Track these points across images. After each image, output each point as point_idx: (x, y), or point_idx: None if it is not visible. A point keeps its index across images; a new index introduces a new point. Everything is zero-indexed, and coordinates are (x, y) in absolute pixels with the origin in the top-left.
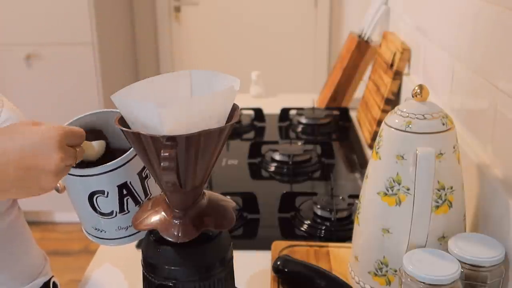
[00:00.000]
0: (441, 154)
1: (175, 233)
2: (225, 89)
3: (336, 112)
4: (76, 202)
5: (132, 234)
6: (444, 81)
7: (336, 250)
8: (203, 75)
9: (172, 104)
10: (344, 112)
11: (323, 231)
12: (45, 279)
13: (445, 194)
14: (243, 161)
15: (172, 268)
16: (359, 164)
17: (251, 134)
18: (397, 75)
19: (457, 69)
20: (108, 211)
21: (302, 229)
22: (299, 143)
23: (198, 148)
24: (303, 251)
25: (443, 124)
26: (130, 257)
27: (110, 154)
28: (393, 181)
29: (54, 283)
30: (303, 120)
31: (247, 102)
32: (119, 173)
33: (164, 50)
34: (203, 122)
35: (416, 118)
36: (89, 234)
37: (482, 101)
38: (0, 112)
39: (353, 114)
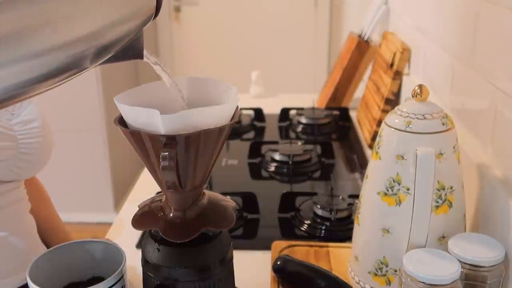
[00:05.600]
0: (441, 154)
1: (175, 233)
2: (230, 103)
3: (336, 112)
4: None
5: None
6: (444, 81)
7: (336, 250)
8: (198, 81)
9: (174, 113)
10: (344, 112)
11: (323, 231)
12: None
13: (445, 194)
14: (243, 161)
15: (172, 268)
16: (359, 164)
17: (251, 134)
18: (397, 75)
19: (457, 69)
20: None
21: (302, 229)
22: (299, 143)
23: (198, 148)
24: (303, 251)
25: (443, 124)
26: (130, 257)
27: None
28: (393, 181)
29: None
30: (303, 120)
31: (247, 102)
32: None
33: (164, 50)
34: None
35: (416, 118)
36: None
37: (482, 101)
38: (26, 107)
39: (353, 114)
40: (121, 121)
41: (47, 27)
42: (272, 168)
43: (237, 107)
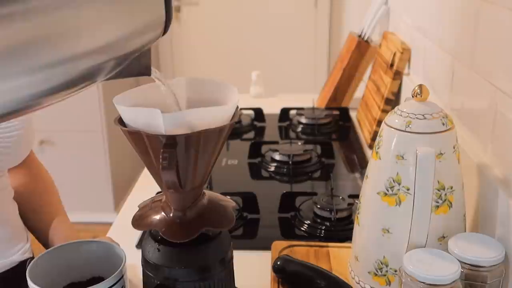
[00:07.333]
0: (441, 154)
1: (175, 233)
2: (230, 104)
3: (336, 112)
4: None
5: None
6: (444, 81)
7: (336, 250)
8: (198, 82)
9: (175, 112)
10: (344, 112)
11: (323, 231)
12: (21, 257)
13: (445, 194)
14: (243, 161)
15: (172, 268)
16: (359, 164)
17: (251, 134)
18: (397, 75)
19: (457, 69)
20: None
21: (302, 229)
22: (299, 143)
23: (198, 148)
24: (303, 251)
25: (443, 124)
26: (130, 257)
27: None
28: (393, 181)
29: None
30: (303, 120)
31: (247, 102)
32: None
33: (164, 50)
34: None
35: (416, 118)
36: None
37: (482, 101)
38: None
39: (353, 114)
40: (121, 121)
41: (56, 40)
42: (272, 168)
43: (237, 107)
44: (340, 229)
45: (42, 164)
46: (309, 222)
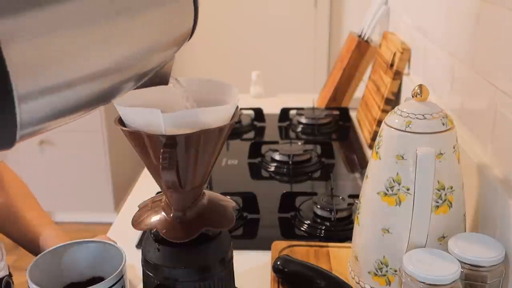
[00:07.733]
0: (441, 154)
1: (175, 233)
2: (231, 104)
3: (336, 112)
4: None
5: None
6: (444, 81)
7: (336, 250)
8: (199, 82)
9: (175, 112)
10: (344, 112)
11: (323, 231)
12: None
13: (445, 194)
14: (243, 161)
15: (172, 268)
16: (359, 164)
17: (251, 134)
18: (397, 75)
19: (457, 69)
20: None
21: (302, 229)
22: (299, 143)
23: (198, 148)
24: (303, 251)
25: (443, 124)
26: (130, 257)
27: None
28: (393, 181)
29: (7, 282)
30: (303, 120)
31: (247, 102)
32: None
33: None
34: None
35: (416, 118)
36: None
37: (482, 101)
38: None
39: (353, 114)
40: (121, 121)
41: (85, 53)
42: (272, 168)
43: (237, 107)
44: (340, 229)
45: (12, 171)
46: (309, 222)
